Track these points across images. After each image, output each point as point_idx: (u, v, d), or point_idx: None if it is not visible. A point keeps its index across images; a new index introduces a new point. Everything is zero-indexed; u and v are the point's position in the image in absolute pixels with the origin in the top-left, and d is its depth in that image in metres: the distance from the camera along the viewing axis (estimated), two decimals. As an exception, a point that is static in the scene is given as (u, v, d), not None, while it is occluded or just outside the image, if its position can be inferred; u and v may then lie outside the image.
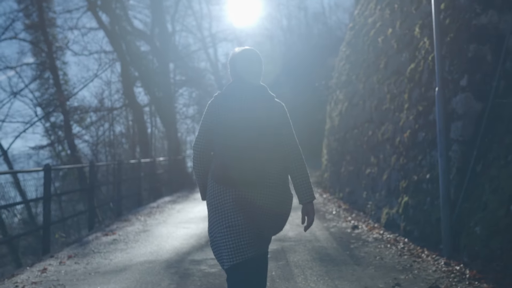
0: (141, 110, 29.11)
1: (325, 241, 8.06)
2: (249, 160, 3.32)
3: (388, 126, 9.30)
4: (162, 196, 18.28)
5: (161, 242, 8.43)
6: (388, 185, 8.91)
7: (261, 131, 3.40)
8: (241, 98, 3.48)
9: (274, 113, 3.52)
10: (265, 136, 3.41)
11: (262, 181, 3.35)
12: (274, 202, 3.44)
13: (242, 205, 3.36)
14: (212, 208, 3.46)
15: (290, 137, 3.56)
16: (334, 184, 14.64)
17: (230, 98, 3.50)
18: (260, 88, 3.59)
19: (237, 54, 3.66)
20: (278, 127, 3.51)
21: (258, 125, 3.39)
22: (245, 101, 3.46)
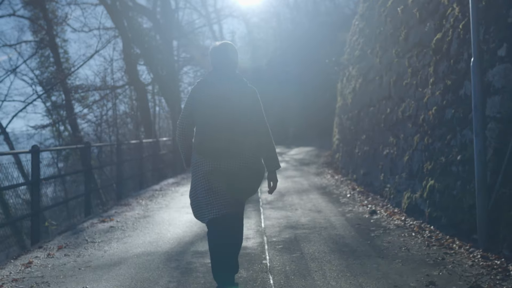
0: (144, 89, 28.34)
1: (341, 228, 7.33)
2: (225, 137, 4.14)
3: (409, 103, 8.50)
4: (166, 178, 17.57)
5: (161, 230, 7.72)
6: (410, 167, 8.14)
7: (235, 113, 4.20)
8: (218, 84, 4.30)
9: (247, 97, 4.33)
10: (238, 117, 4.21)
11: (236, 154, 4.20)
12: (247, 171, 4.26)
13: (219, 173, 4.21)
14: (195, 175, 4.37)
15: (260, 118, 4.41)
16: (346, 165, 13.89)
17: (209, 85, 4.33)
18: (234, 76, 4.40)
19: (215, 47, 4.45)
20: (250, 109, 4.32)
21: (232, 107, 4.20)
22: (221, 87, 4.27)
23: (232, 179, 4.24)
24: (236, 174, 4.22)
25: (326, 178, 14.56)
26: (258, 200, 10.49)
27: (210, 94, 4.26)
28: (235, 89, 4.31)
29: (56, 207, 12.42)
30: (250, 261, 5.63)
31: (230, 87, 4.30)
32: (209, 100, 4.24)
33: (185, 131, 4.45)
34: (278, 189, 12.04)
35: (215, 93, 4.25)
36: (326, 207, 9.27)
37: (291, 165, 19.76)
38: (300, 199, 10.48)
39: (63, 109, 32.51)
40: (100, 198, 26.84)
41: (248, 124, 4.28)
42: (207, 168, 4.23)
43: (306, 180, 14.00)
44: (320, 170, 17.24)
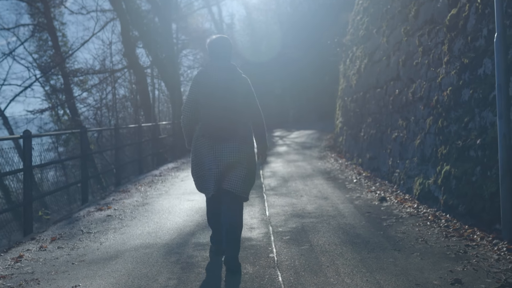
0: (143, 72, 27.84)
1: (351, 216, 6.93)
2: (224, 121, 4.71)
3: (420, 83, 8.06)
4: (166, 163, 17.17)
5: (161, 219, 7.33)
6: (422, 151, 7.73)
7: (232, 100, 4.76)
8: (216, 75, 4.81)
9: (241, 86, 4.87)
10: (234, 104, 4.79)
11: (232, 136, 4.77)
12: (241, 152, 4.82)
13: (218, 153, 4.78)
14: (196, 154, 4.98)
15: (254, 104, 4.98)
16: (351, 149, 13.48)
17: (208, 75, 4.84)
18: (230, 67, 4.91)
19: (212, 40, 4.97)
20: (244, 96, 4.89)
21: (229, 96, 4.75)
22: (219, 77, 4.80)
23: (231, 158, 4.79)
24: (234, 153, 4.80)
25: (329, 162, 14.16)
26: (261, 186, 10.09)
27: (210, 83, 4.80)
28: (231, 79, 4.85)
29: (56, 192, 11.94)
30: (256, 255, 5.24)
31: (227, 77, 4.84)
32: (209, 89, 4.79)
33: (189, 116, 4.97)
34: (282, 174, 11.65)
35: (214, 83, 4.79)
36: (332, 194, 8.87)
37: (293, 149, 19.35)
38: (305, 184, 10.09)
39: (62, 93, 32.11)
40: (100, 183, 26.52)
41: (243, 110, 4.91)
42: (208, 148, 4.82)
43: (309, 165, 13.60)
44: (323, 153, 16.83)
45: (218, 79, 4.79)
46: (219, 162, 4.76)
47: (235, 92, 4.83)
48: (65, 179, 26.08)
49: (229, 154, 4.77)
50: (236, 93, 4.83)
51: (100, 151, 23.55)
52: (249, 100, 4.96)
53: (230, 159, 4.76)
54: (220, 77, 4.81)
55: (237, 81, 4.88)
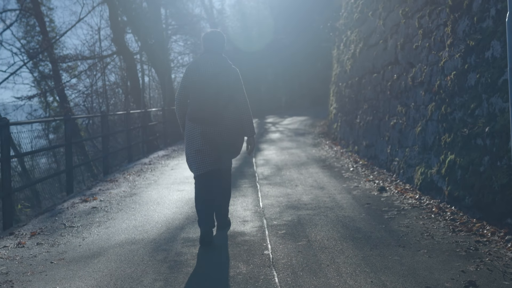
0: (133, 58, 27.27)
1: (349, 208, 6.57)
2: (211, 108, 5.16)
3: (421, 67, 7.68)
4: (156, 150, 16.74)
5: (149, 211, 6.93)
6: (423, 139, 7.36)
7: (220, 88, 5.19)
8: (208, 66, 5.24)
9: (230, 76, 5.29)
10: (223, 92, 5.22)
11: (220, 122, 5.22)
12: (228, 136, 5.32)
13: (206, 137, 5.23)
14: (187, 138, 5.37)
15: (241, 94, 5.37)
16: (346, 136, 13.10)
17: (200, 66, 5.25)
18: (221, 58, 5.34)
19: (206, 34, 5.40)
20: (232, 86, 5.29)
21: (218, 84, 5.18)
22: (210, 68, 5.22)
23: (217, 142, 5.30)
24: (220, 137, 5.28)
25: (324, 149, 13.79)
26: (254, 175, 9.71)
27: (201, 73, 5.25)
28: (221, 70, 5.29)
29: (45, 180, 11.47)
30: (250, 252, 4.86)
31: (217, 68, 5.27)
32: (200, 78, 5.23)
33: (181, 103, 5.45)
34: (275, 163, 11.28)
35: (205, 73, 5.23)
36: (328, 183, 8.50)
37: (286, 136, 18.98)
38: (299, 173, 9.71)
39: (51, 79, 31.55)
40: (91, 170, 26.04)
41: (230, 98, 5.33)
42: (197, 133, 5.27)
43: (303, 152, 13.22)
44: (317, 140, 16.47)
45: (206, 70, 5.25)
46: (207, 143, 5.27)
47: (221, 83, 5.25)
48: (56, 166, 25.60)
49: (219, 136, 5.28)
50: (222, 84, 5.26)
51: (86, 139, 23.05)
52: (236, 90, 5.39)
53: (220, 141, 5.31)
54: (209, 68, 5.26)
55: (225, 72, 5.32)
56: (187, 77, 5.32)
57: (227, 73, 5.32)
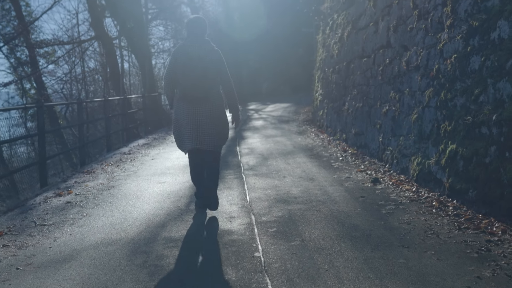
0: (112, 43, 26.56)
1: (343, 202, 6.13)
2: (198, 87, 5.59)
3: (417, 51, 7.23)
4: (136, 139, 16.14)
5: (127, 206, 6.42)
6: (420, 127, 6.93)
7: (205, 69, 5.61)
8: (193, 48, 5.67)
9: (214, 58, 5.70)
10: (208, 72, 5.63)
11: (206, 100, 5.67)
12: (214, 113, 5.75)
13: (194, 115, 5.67)
14: (176, 116, 5.84)
15: (225, 74, 5.82)
16: (333, 124, 12.66)
17: (185, 48, 5.70)
18: (204, 41, 5.76)
19: (190, 20, 5.87)
20: (216, 66, 5.73)
21: (203, 65, 5.59)
22: (195, 50, 5.64)
23: (204, 119, 5.67)
24: (207, 115, 5.67)
25: (310, 137, 13.35)
26: (239, 165, 9.24)
27: (187, 55, 5.61)
28: (205, 52, 5.66)
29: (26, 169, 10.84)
30: (239, 254, 4.40)
31: (200, 51, 5.64)
32: (187, 60, 5.59)
33: (169, 83, 5.86)
34: (260, 151, 10.81)
35: (191, 55, 5.61)
36: (318, 174, 8.06)
37: (270, 123, 18.52)
38: (287, 163, 9.26)
39: (28, 65, 30.70)
40: (70, 160, 25.36)
41: (215, 78, 5.73)
42: (185, 111, 5.68)
43: (289, 140, 12.77)
44: (302, 128, 16.02)
45: (192, 53, 5.62)
46: (194, 122, 5.66)
47: (207, 63, 5.62)
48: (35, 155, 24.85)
49: (204, 115, 5.67)
50: (208, 64, 5.63)
51: (64, 127, 22.31)
52: (220, 70, 5.80)
53: (205, 120, 5.67)
54: (194, 51, 5.64)
55: (210, 54, 5.69)
56: (175, 60, 5.72)
57: (211, 55, 5.71)
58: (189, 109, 5.66)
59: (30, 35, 29.60)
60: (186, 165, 9.47)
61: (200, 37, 5.76)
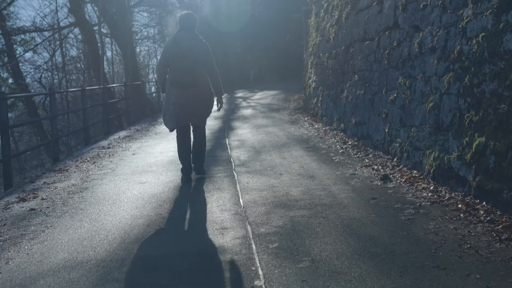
0: (92, 30, 25.37)
1: (353, 206, 5.25)
2: (187, 74, 6.49)
3: (432, 31, 6.33)
4: (117, 131, 15.12)
5: (100, 215, 5.49)
6: (437, 117, 6.05)
7: (194, 59, 6.51)
8: (183, 41, 6.55)
9: (202, 49, 6.63)
10: (196, 61, 6.53)
11: (194, 85, 6.57)
12: (201, 97, 6.68)
13: (182, 97, 6.60)
14: (168, 98, 6.75)
15: (210, 63, 6.75)
16: (329, 112, 11.76)
17: (177, 40, 6.56)
18: (194, 34, 6.66)
19: (180, 15, 6.70)
20: (204, 56, 6.64)
21: (192, 56, 6.49)
22: (185, 43, 6.53)
23: (192, 101, 6.61)
24: (194, 98, 6.62)
25: (304, 127, 12.46)
26: (229, 160, 8.34)
27: (178, 47, 6.50)
28: (194, 44, 6.56)
29: None
30: (234, 281, 3.50)
31: (192, 43, 6.55)
32: (178, 51, 6.48)
33: (162, 71, 6.73)
34: (252, 144, 9.92)
35: (181, 46, 6.49)
36: (318, 170, 7.18)
37: (259, 112, 17.61)
38: (282, 157, 8.37)
39: (4, 54, 29.44)
40: (49, 152, 24.26)
41: (202, 66, 6.66)
42: (174, 94, 6.61)
43: (281, 131, 11.87)
44: (294, 117, 15.14)
45: (182, 44, 6.50)
46: (184, 103, 6.59)
47: (195, 53, 6.52)
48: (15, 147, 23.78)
49: (193, 97, 6.60)
50: (196, 55, 6.53)
51: (38, 119, 21.16)
52: (207, 60, 6.71)
53: (195, 101, 6.62)
54: (184, 42, 6.51)
55: (198, 45, 6.59)
56: (167, 50, 6.60)
57: (199, 47, 6.62)
58: (178, 93, 6.60)
59: (6, 22, 28.35)
60: (170, 161, 8.56)
61: (190, 30, 6.67)
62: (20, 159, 20.51)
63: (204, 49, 6.65)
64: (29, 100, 26.25)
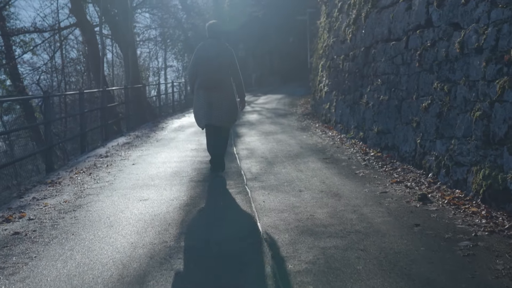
0: (93, 31, 24.59)
1: (394, 234, 4.42)
2: (213, 77, 7.05)
3: (478, 29, 5.50)
4: (116, 137, 14.25)
5: (95, 241, 4.64)
6: (486, 128, 5.20)
7: (220, 64, 7.06)
8: (209, 47, 7.13)
9: (227, 55, 7.17)
10: (222, 66, 7.08)
11: (219, 88, 7.11)
12: (225, 98, 7.17)
13: (210, 99, 7.10)
14: (196, 99, 7.33)
15: (235, 68, 7.24)
16: (345, 119, 10.92)
17: (204, 47, 7.17)
18: (220, 42, 7.24)
19: (209, 24, 7.36)
20: (229, 62, 7.18)
21: (219, 61, 7.05)
22: (213, 49, 7.10)
23: (218, 102, 7.14)
24: (221, 98, 7.16)
25: (316, 134, 11.64)
26: (240, 172, 7.54)
27: (206, 53, 7.11)
28: (221, 50, 7.17)
29: None
30: None
31: (217, 49, 7.14)
32: (205, 56, 7.09)
33: (193, 75, 7.29)
34: (262, 153, 9.10)
35: (209, 53, 7.09)
36: (343, 186, 6.35)
37: (266, 117, 16.79)
38: (298, 170, 7.56)
39: (3, 55, 28.67)
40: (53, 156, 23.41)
41: (227, 71, 7.21)
42: (204, 96, 7.15)
43: (292, 139, 11.05)
44: (304, 123, 14.31)
45: (210, 50, 7.10)
46: (211, 103, 7.09)
47: (221, 59, 7.08)
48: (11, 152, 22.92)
49: (218, 99, 7.12)
50: (222, 60, 7.09)
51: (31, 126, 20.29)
52: (232, 65, 7.23)
53: (219, 102, 7.11)
54: (211, 48, 7.12)
55: (224, 53, 7.15)
56: (197, 56, 7.15)
57: (225, 53, 7.14)
58: (205, 95, 7.12)
59: (6, 22, 27.59)
60: (174, 172, 7.76)
61: (217, 38, 7.26)
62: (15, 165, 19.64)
63: (229, 56, 7.20)
64: (27, 103, 25.43)
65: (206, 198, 6.12)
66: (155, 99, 27.72)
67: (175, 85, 27.21)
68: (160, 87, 26.04)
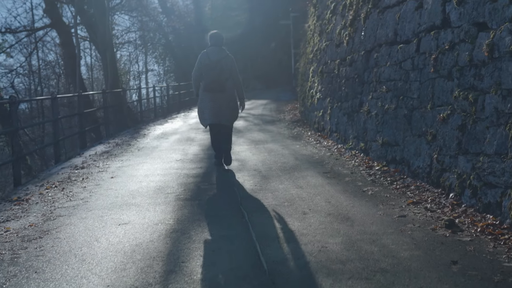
0: (69, 32, 23.53)
1: (430, 275, 3.62)
2: (217, 82, 7.81)
3: (504, 30, 4.74)
4: (94, 145, 13.30)
5: (62, 284, 3.76)
6: (527, 144, 4.45)
7: (222, 70, 7.82)
8: (212, 54, 7.86)
9: (228, 61, 7.94)
10: (223, 72, 7.84)
11: (221, 90, 7.86)
12: (227, 100, 7.99)
13: (214, 100, 7.89)
14: (201, 101, 8.08)
15: (235, 73, 8.07)
16: (342, 129, 10.14)
17: (209, 54, 7.88)
18: (221, 49, 7.99)
19: (211, 34, 8.14)
20: (230, 68, 7.94)
21: (221, 67, 7.80)
22: (215, 56, 7.84)
23: (221, 104, 7.93)
24: (223, 101, 7.95)
25: (310, 144, 10.85)
26: (232, 189, 6.70)
27: (209, 59, 7.83)
28: (222, 57, 7.90)
29: None
30: None
31: (219, 56, 7.88)
32: (208, 62, 7.81)
33: (197, 79, 8.09)
34: (254, 166, 8.31)
35: (212, 59, 7.83)
36: (352, 208, 5.56)
37: (253, 124, 16.01)
38: (297, 186, 6.76)
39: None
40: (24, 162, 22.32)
41: (229, 76, 7.98)
42: (207, 98, 7.94)
43: (285, 149, 10.26)
44: (294, 131, 13.54)
45: (212, 56, 7.87)
46: (214, 104, 7.91)
47: (223, 66, 7.87)
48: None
49: (222, 100, 7.93)
50: (223, 67, 7.87)
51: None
52: (232, 71, 8.05)
53: (225, 103, 7.96)
54: (214, 55, 7.89)
55: (225, 59, 7.93)
56: (201, 62, 7.90)
57: (226, 60, 7.94)
58: (209, 97, 7.89)
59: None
60: (158, 188, 6.94)
61: (218, 46, 7.99)
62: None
63: (230, 61, 7.97)
64: (1, 107, 24.33)
65: (196, 223, 5.27)
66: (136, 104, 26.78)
67: (156, 89, 26.28)
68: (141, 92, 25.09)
